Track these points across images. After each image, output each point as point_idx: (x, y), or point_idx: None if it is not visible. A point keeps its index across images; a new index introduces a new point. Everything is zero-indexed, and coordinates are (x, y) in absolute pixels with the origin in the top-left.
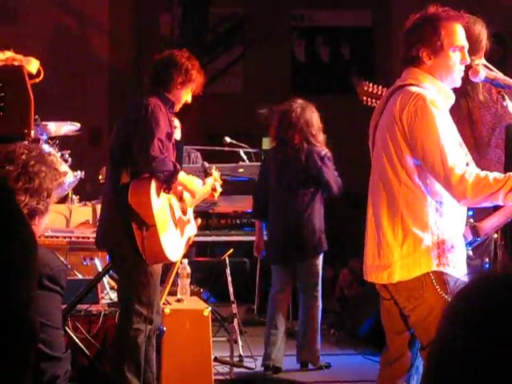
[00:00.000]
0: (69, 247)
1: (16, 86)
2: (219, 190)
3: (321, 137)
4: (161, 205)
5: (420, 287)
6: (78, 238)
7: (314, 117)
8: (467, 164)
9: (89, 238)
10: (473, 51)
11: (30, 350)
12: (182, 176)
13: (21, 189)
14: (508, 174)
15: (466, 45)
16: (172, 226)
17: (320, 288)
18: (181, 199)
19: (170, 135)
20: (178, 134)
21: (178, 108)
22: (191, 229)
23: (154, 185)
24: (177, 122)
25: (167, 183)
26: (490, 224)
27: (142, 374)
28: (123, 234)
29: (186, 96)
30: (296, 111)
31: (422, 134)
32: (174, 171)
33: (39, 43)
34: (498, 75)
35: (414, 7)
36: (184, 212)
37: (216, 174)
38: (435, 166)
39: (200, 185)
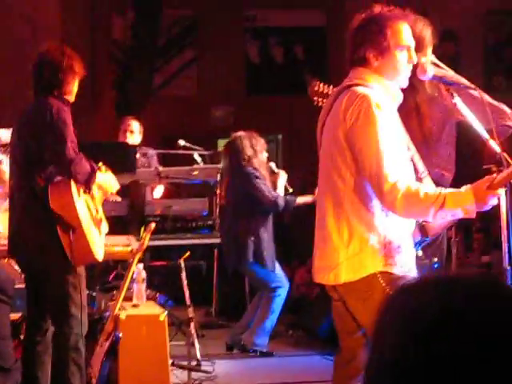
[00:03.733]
0: None
1: None
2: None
3: (255, 159)
4: (82, 205)
5: (368, 288)
6: None
7: (250, 143)
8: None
9: None
10: (417, 49)
11: None
12: (99, 176)
13: None
14: (439, 190)
15: (413, 44)
16: (93, 226)
17: (268, 291)
18: (92, 197)
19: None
20: (136, 138)
21: (72, 99)
22: (105, 226)
23: (73, 185)
24: (136, 126)
25: (86, 184)
26: (438, 223)
27: (85, 379)
28: (47, 240)
29: (75, 87)
30: (239, 139)
31: (361, 137)
32: (92, 171)
33: None
34: (447, 72)
35: (367, 6)
36: (97, 210)
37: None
38: (370, 170)
39: (113, 179)
